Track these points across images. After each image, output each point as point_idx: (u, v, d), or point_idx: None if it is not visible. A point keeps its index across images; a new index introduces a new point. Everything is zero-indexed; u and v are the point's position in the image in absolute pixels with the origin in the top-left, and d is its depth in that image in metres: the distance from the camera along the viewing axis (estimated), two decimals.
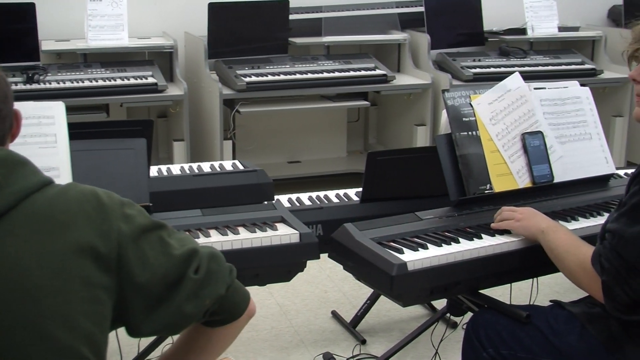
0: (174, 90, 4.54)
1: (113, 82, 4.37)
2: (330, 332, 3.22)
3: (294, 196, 2.63)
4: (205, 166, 2.82)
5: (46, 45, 4.52)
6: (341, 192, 2.67)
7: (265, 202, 2.51)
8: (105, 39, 4.53)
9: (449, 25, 5.19)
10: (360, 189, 2.58)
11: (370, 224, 2.15)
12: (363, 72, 4.80)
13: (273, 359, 3.03)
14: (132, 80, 4.40)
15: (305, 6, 5.10)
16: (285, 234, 2.19)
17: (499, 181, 2.35)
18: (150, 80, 4.44)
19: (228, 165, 2.84)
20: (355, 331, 3.19)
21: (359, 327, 3.22)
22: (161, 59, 4.72)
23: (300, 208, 2.52)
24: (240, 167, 2.80)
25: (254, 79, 4.53)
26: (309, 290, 3.60)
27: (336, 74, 4.73)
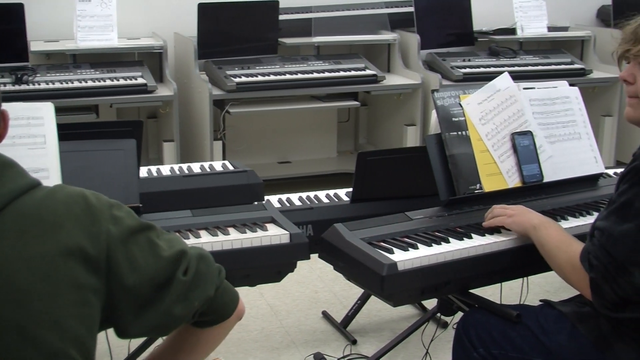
0: (164, 91, 4.53)
1: (102, 83, 4.36)
2: (320, 333, 3.22)
3: (284, 196, 2.62)
4: (195, 167, 2.82)
5: (35, 45, 4.50)
6: (331, 193, 2.67)
7: (255, 203, 2.50)
8: (94, 40, 4.51)
9: (438, 25, 5.19)
10: (350, 189, 2.58)
11: (361, 224, 2.15)
12: (353, 72, 4.80)
13: (263, 359, 3.02)
14: (122, 81, 4.39)
15: (295, 6, 5.10)
16: (275, 234, 2.18)
17: (488, 181, 2.35)
18: (140, 80, 4.43)
19: (218, 165, 2.83)
20: (346, 331, 3.19)
21: (349, 327, 3.22)
22: (151, 59, 4.71)
23: (290, 208, 2.52)
24: (231, 168, 2.79)
25: (243, 79, 4.53)
26: (300, 290, 3.60)
27: (326, 74, 4.73)
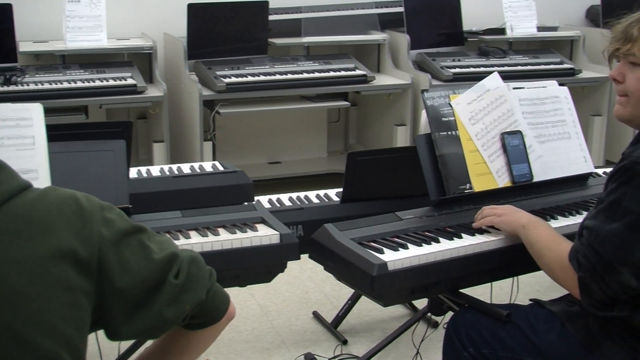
0: (154, 92, 4.52)
1: (92, 84, 4.35)
2: (311, 333, 3.22)
3: (274, 197, 2.63)
4: (185, 167, 2.81)
5: (24, 46, 4.49)
6: (321, 193, 2.67)
7: (245, 203, 2.50)
8: (83, 40, 4.50)
9: (428, 25, 5.20)
10: (340, 190, 2.58)
11: (351, 224, 2.16)
12: (343, 73, 4.80)
13: None
14: (111, 82, 4.38)
15: (285, 7, 5.10)
16: (265, 234, 2.18)
17: (478, 181, 2.36)
18: (130, 81, 4.41)
19: (208, 166, 2.83)
20: (337, 331, 3.19)
21: (340, 328, 3.22)
22: (140, 60, 4.70)
23: (280, 209, 2.52)
24: (220, 168, 2.79)
25: (233, 79, 4.52)
26: (290, 291, 3.60)
27: (316, 74, 4.73)
